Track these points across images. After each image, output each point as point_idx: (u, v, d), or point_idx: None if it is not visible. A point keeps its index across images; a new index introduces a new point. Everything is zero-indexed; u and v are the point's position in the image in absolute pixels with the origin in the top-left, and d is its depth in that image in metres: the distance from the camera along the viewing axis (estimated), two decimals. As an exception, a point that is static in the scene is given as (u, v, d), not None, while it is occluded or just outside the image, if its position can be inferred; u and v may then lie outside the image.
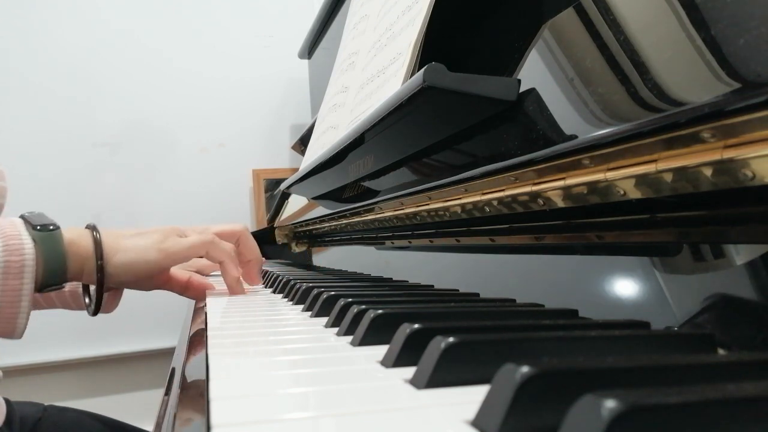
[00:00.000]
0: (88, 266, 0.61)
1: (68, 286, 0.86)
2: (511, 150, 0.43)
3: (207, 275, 1.01)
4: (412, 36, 0.59)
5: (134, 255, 0.62)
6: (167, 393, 0.33)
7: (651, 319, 0.33)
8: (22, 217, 0.59)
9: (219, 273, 0.71)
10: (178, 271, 0.72)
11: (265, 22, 2.00)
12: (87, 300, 0.70)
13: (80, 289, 0.82)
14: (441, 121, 0.54)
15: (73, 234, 0.61)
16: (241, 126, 1.96)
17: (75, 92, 1.81)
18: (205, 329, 0.44)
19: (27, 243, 0.55)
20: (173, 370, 0.38)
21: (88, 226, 0.63)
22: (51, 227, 0.58)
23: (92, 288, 0.90)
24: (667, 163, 0.29)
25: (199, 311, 0.62)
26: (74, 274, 0.60)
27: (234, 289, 0.69)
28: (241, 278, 0.72)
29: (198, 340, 0.43)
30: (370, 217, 0.77)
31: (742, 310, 0.28)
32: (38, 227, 0.57)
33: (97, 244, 0.61)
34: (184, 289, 0.72)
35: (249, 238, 0.76)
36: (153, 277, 0.67)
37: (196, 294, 0.72)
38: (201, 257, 0.68)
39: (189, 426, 0.25)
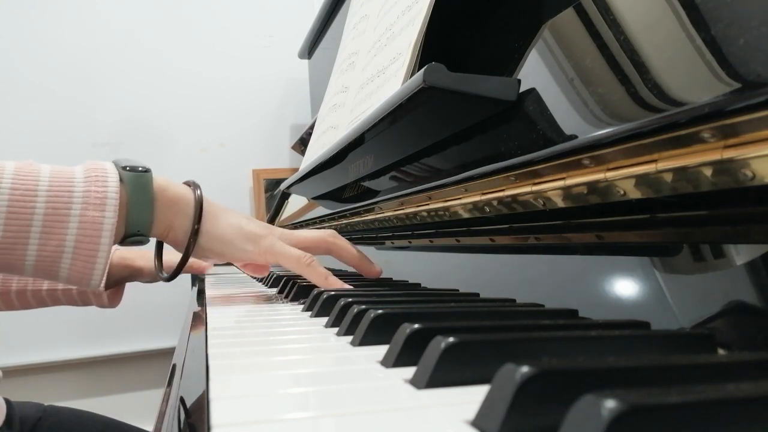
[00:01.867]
0: (179, 224, 0.54)
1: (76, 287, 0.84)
2: (511, 150, 0.43)
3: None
4: (412, 36, 0.59)
5: (230, 233, 0.56)
6: (167, 394, 0.33)
7: (651, 319, 0.33)
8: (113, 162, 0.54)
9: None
10: None
11: (265, 22, 2.00)
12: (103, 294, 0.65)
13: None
14: (441, 121, 0.54)
15: (168, 182, 0.54)
16: (241, 126, 1.97)
17: (75, 92, 1.81)
18: (205, 329, 0.44)
19: (111, 176, 0.49)
20: (173, 370, 0.38)
21: (187, 183, 0.57)
22: (140, 169, 0.52)
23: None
24: (667, 163, 0.29)
25: (199, 311, 0.62)
26: (162, 227, 0.54)
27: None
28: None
29: (198, 340, 0.43)
30: (370, 217, 0.77)
31: (741, 310, 0.28)
32: (127, 167, 0.51)
33: (198, 204, 0.54)
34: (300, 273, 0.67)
35: (339, 247, 0.66)
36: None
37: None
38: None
39: (189, 427, 0.25)
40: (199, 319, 0.55)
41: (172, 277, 0.59)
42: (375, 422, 0.21)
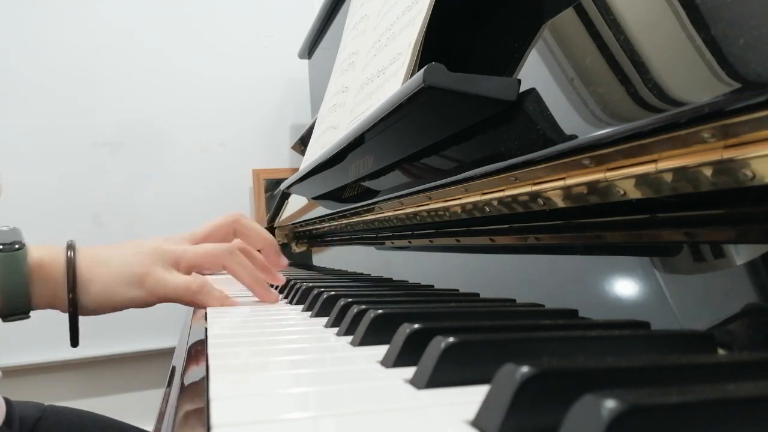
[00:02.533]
0: (60, 296, 0.53)
1: None
2: (511, 150, 0.43)
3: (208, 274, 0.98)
4: (412, 36, 0.59)
5: (112, 288, 0.54)
6: (167, 394, 0.33)
7: (651, 319, 0.33)
8: None
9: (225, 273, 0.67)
10: None
11: (265, 22, 2.00)
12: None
13: None
14: (441, 121, 0.54)
15: (45, 255, 0.53)
16: (241, 126, 1.96)
17: (75, 92, 1.81)
18: (205, 329, 0.44)
19: None
20: (173, 370, 0.38)
21: (69, 245, 0.55)
22: (17, 246, 0.51)
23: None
24: (667, 163, 0.29)
25: (198, 311, 0.62)
26: (43, 301, 0.53)
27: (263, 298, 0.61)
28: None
29: (198, 340, 0.43)
30: (370, 217, 0.77)
31: (742, 310, 0.28)
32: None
33: (70, 271, 0.53)
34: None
35: (246, 226, 0.65)
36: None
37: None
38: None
39: (189, 426, 0.25)
40: (199, 319, 0.55)
41: (72, 342, 0.57)
42: (375, 422, 0.21)
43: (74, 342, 0.57)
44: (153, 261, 0.56)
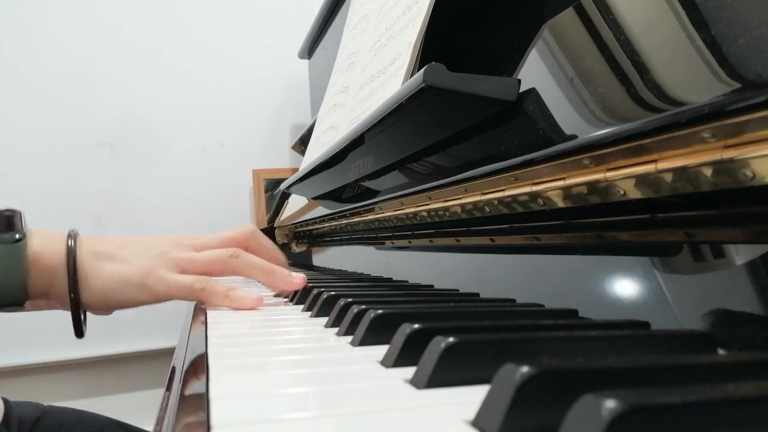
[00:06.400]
0: (57, 288, 0.52)
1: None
2: (511, 150, 0.43)
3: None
4: (412, 36, 0.59)
5: (112, 286, 0.53)
6: (167, 394, 0.33)
7: (651, 319, 0.33)
8: None
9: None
10: None
11: (265, 22, 2.00)
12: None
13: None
14: (441, 121, 0.54)
15: (44, 246, 0.52)
16: (241, 126, 1.97)
17: (75, 93, 1.81)
18: (205, 329, 0.44)
19: None
20: (173, 370, 0.38)
21: (70, 234, 0.54)
22: (17, 236, 0.50)
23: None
24: (667, 163, 0.29)
25: (199, 311, 0.62)
26: (39, 293, 0.52)
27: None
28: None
29: (198, 340, 0.43)
30: (370, 217, 0.77)
31: (742, 310, 0.28)
32: None
33: (70, 264, 0.51)
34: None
35: (261, 243, 0.62)
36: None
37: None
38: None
39: (189, 427, 0.25)
40: (199, 319, 0.55)
41: (77, 334, 0.56)
42: (375, 422, 0.21)
43: (79, 334, 0.56)
44: (158, 264, 0.55)
